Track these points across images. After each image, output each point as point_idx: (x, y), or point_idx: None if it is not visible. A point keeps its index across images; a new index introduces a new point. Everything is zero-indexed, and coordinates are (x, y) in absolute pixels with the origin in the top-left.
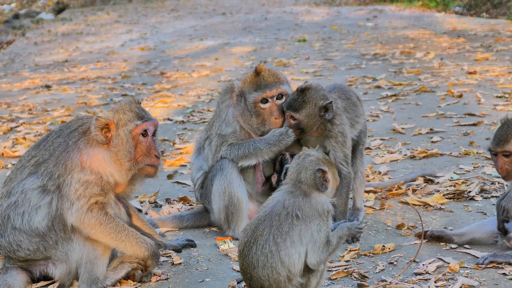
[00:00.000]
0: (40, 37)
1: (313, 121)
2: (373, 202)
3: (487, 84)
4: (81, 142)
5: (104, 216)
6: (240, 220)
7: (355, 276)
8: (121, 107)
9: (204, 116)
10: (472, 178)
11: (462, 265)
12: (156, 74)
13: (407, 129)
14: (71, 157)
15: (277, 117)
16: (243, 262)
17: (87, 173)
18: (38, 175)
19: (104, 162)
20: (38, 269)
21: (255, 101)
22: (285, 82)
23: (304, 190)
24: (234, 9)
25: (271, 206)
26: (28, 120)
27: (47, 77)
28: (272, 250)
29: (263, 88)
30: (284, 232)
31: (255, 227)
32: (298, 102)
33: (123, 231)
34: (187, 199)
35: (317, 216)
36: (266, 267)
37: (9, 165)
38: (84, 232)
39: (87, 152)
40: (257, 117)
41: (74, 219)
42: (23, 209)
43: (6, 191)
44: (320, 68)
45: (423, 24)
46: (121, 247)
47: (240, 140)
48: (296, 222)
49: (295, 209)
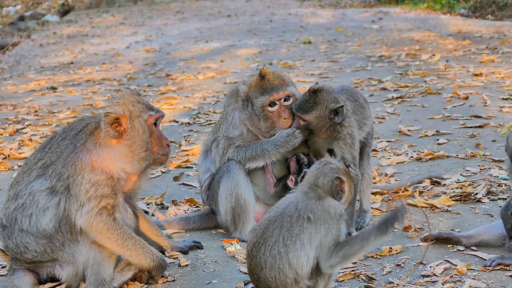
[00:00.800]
0: (45, 39)
1: (322, 123)
2: (379, 204)
3: (493, 86)
4: (89, 143)
5: (112, 221)
6: (246, 222)
7: (362, 278)
8: (127, 99)
9: (210, 118)
10: (479, 180)
11: (470, 267)
12: (162, 76)
13: (413, 131)
14: (80, 158)
15: (286, 117)
16: (251, 262)
17: (98, 173)
18: (46, 176)
19: (114, 160)
20: (45, 271)
21: (263, 105)
22: (291, 83)
23: (319, 194)
24: (239, 11)
25: (283, 207)
26: (34, 122)
27: (52, 79)
28: (280, 252)
29: (270, 91)
30: (295, 234)
31: (265, 227)
32: (309, 103)
33: (130, 239)
34: (194, 201)
35: (328, 218)
36: (273, 269)
37: (15, 167)
38: (91, 236)
39: (97, 152)
40: (266, 121)
41: (83, 221)
42: (31, 211)
43: (14, 194)
44: (325, 70)
45: (428, 26)
46: (127, 255)
47: (248, 142)
48: (307, 224)
49: (307, 211)
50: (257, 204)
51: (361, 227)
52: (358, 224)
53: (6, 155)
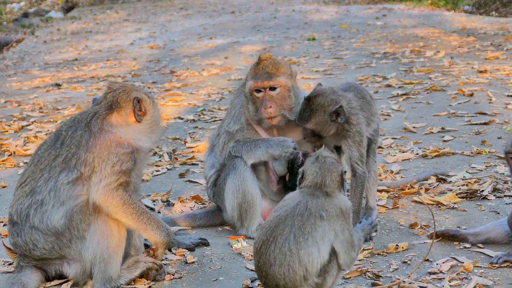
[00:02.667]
0: (49, 36)
1: (326, 127)
2: (385, 201)
3: (498, 83)
4: (106, 126)
5: (128, 196)
6: (253, 218)
7: (369, 275)
8: (129, 87)
9: (215, 114)
10: (485, 177)
11: (476, 264)
12: (166, 72)
13: (419, 128)
14: (103, 138)
15: (266, 107)
16: (259, 260)
17: (124, 147)
18: (71, 168)
19: (137, 135)
20: (53, 268)
21: (250, 89)
22: (285, 74)
23: (326, 191)
24: (243, 8)
25: (293, 206)
26: (39, 118)
27: (57, 76)
28: (291, 249)
29: (258, 78)
30: (307, 232)
31: (275, 226)
32: (306, 112)
33: (145, 214)
34: (200, 198)
35: (340, 215)
36: (283, 266)
37: (20, 163)
38: (107, 210)
39: (118, 130)
40: (253, 104)
41: (99, 195)
42: (47, 207)
43: (30, 190)
44: (330, 67)
45: (432, 23)
46: (141, 229)
47: (247, 137)
48: (320, 222)
49: (319, 209)
50: (264, 200)
51: None
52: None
53: (11, 152)
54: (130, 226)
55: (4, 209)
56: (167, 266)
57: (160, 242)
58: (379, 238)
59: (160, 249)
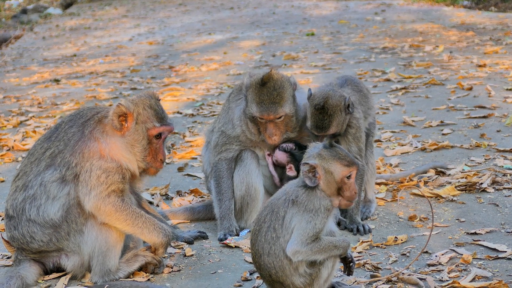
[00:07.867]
0: (48, 32)
1: (344, 123)
2: (384, 194)
3: (497, 77)
4: (97, 131)
5: (121, 202)
6: (254, 211)
7: (368, 267)
8: (141, 100)
9: (214, 109)
10: (484, 170)
11: (475, 256)
12: (165, 68)
13: (418, 122)
14: (88, 146)
15: (271, 136)
16: (253, 250)
17: (108, 161)
18: (56, 166)
19: (122, 150)
20: (51, 261)
21: (254, 116)
22: (289, 100)
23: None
24: (242, 4)
25: (277, 194)
26: (38, 113)
27: (55, 71)
28: (273, 237)
29: (262, 109)
30: (281, 217)
31: (260, 214)
32: (325, 120)
33: (140, 218)
34: (198, 191)
35: (311, 208)
36: (270, 255)
37: (19, 158)
38: (100, 218)
39: (105, 140)
40: (254, 126)
41: (91, 205)
42: (41, 202)
43: (22, 184)
44: (329, 61)
45: (431, 18)
46: (138, 233)
47: (243, 146)
48: (291, 206)
49: (293, 194)
50: (266, 195)
51: (367, 217)
52: (363, 214)
53: (10, 147)
54: (126, 231)
55: (3, 204)
56: (166, 259)
57: (158, 244)
58: (378, 230)
59: (160, 249)
